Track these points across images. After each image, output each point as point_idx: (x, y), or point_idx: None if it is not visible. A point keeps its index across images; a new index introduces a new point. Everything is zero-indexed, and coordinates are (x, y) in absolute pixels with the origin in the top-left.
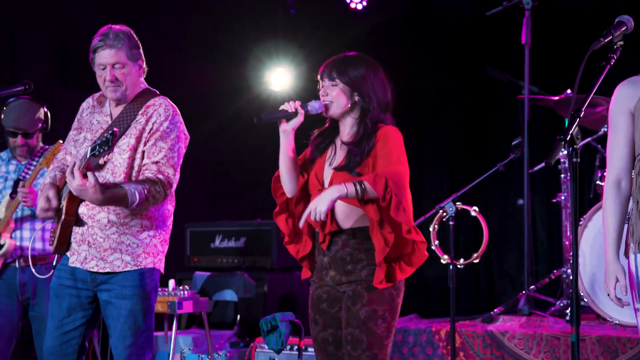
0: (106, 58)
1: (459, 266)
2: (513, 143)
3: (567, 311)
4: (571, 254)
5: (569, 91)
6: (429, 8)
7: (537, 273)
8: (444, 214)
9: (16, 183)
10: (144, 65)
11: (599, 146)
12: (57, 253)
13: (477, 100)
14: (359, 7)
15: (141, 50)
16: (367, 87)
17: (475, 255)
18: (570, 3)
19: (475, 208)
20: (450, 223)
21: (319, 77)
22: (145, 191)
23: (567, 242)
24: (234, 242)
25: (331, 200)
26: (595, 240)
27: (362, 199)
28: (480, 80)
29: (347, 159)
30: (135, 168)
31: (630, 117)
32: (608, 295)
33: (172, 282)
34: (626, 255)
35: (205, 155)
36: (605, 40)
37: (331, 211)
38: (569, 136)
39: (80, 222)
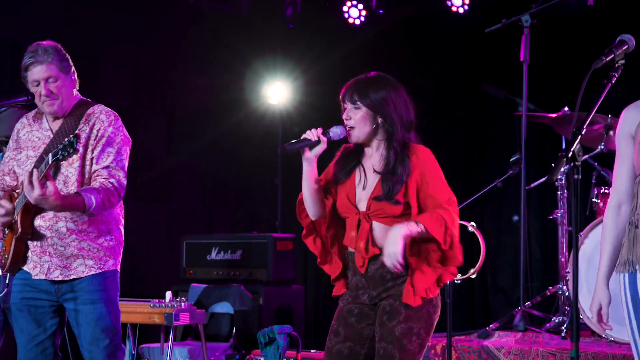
0: (39, 73)
1: (456, 281)
2: (511, 159)
3: (563, 327)
4: (567, 270)
5: (566, 108)
6: (427, 24)
7: (531, 289)
8: None
9: None
10: (75, 77)
11: (596, 164)
12: (10, 272)
13: (473, 116)
14: (357, 22)
15: (71, 62)
16: (390, 109)
17: (472, 270)
18: (568, 21)
19: (473, 224)
20: None
21: (340, 99)
22: (101, 195)
23: (562, 259)
24: (230, 255)
25: (401, 240)
26: (592, 256)
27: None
28: (477, 96)
29: (385, 189)
30: (86, 175)
31: (631, 141)
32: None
33: (169, 294)
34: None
35: (203, 168)
36: (607, 59)
37: (371, 232)
38: (571, 153)
39: (37, 235)
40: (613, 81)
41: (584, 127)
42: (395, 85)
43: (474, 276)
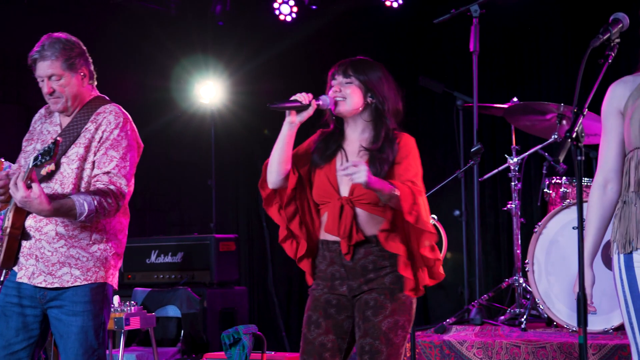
0: (42, 70)
1: None
2: (472, 150)
3: (523, 319)
4: (526, 262)
5: (515, 99)
6: (361, 19)
7: (477, 283)
8: None
9: None
10: (89, 72)
11: (547, 154)
12: (3, 268)
13: (410, 111)
14: (289, 18)
15: (84, 58)
16: (383, 90)
17: None
18: (509, 14)
19: (434, 216)
20: None
21: (330, 75)
22: (95, 202)
23: (518, 251)
24: (171, 257)
25: (368, 176)
26: (550, 247)
27: (386, 204)
28: (414, 91)
29: (373, 169)
30: (85, 179)
31: (620, 117)
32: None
33: (116, 298)
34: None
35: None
36: (604, 38)
37: (355, 219)
38: (575, 133)
39: (27, 236)
40: (610, 60)
41: (585, 107)
42: (389, 74)
43: None
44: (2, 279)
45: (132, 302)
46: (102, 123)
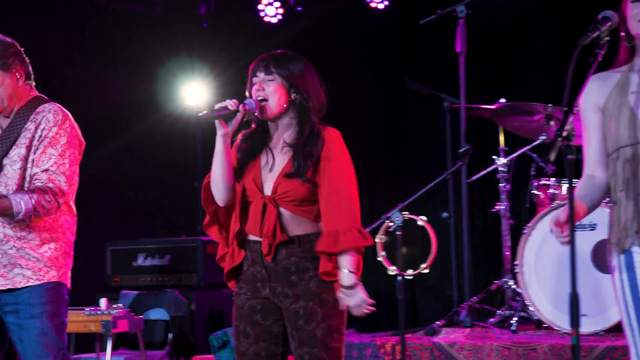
0: None
1: (407, 277)
2: (460, 150)
3: (513, 321)
4: (515, 263)
5: (502, 100)
6: (347, 21)
7: (464, 285)
8: (391, 224)
9: None
10: (24, 72)
11: (535, 155)
12: None
13: (396, 112)
14: (274, 20)
15: (19, 58)
16: (307, 85)
17: (423, 265)
18: (495, 14)
19: (423, 217)
20: (397, 233)
21: (250, 71)
22: (33, 201)
23: (507, 253)
24: (158, 260)
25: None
26: (539, 249)
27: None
28: (399, 93)
29: (297, 164)
30: (27, 178)
31: (600, 114)
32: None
33: (103, 301)
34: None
35: (118, 172)
36: (593, 36)
37: (279, 218)
38: (565, 132)
39: None
40: (599, 58)
41: (575, 106)
42: (311, 67)
43: (426, 271)
44: None
45: (120, 304)
46: (42, 122)
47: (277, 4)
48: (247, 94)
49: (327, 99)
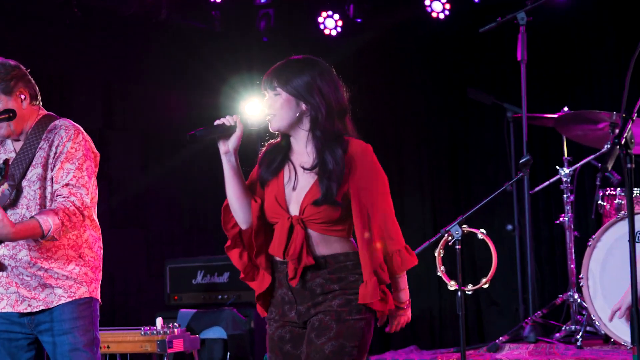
0: None
1: (467, 292)
2: (521, 161)
3: (579, 336)
4: (580, 276)
5: (566, 108)
6: (407, 32)
7: (531, 300)
8: (450, 237)
9: None
10: (29, 94)
11: (600, 165)
12: None
13: (458, 123)
14: (334, 33)
15: (23, 80)
16: (314, 92)
17: (484, 280)
18: (557, 20)
19: (483, 230)
20: (457, 247)
21: (261, 89)
22: (59, 216)
23: (572, 266)
24: (217, 278)
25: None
26: (605, 261)
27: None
28: (462, 103)
29: (324, 190)
30: (48, 197)
31: None
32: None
33: (159, 320)
34: None
35: (180, 189)
36: None
37: (306, 240)
38: (624, 139)
39: (2, 266)
40: None
41: (635, 112)
42: (322, 67)
43: (486, 286)
44: None
45: (176, 324)
46: (55, 139)
47: (337, 16)
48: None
49: (346, 98)
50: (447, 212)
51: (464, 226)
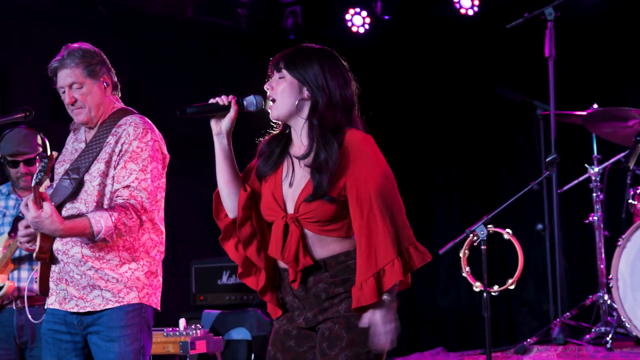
0: (62, 79)
1: (492, 293)
2: (547, 159)
3: (609, 338)
4: (610, 277)
5: (595, 106)
6: (435, 28)
7: (560, 300)
8: (475, 237)
9: (16, 220)
10: (112, 82)
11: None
12: (42, 294)
13: (487, 121)
14: (361, 30)
15: (105, 67)
16: (318, 80)
17: (510, 281)
18: (586, 15)
19: (509, 230)
20: (482, 247)
21: (268, 72)
22: (114, 218)
23: (602, 266)
24: None
25: (390, 334)
26: (635, 261)
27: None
28: (491, 100)
29: (315, 184)
30: (107, 195)
31: None
32: None
33: (182, 321)
34: None
35: (207, 189)
36: None
37: (302, 241)
38: None
39: (56, 260)
40: None
41: None
42: (333, 58)
43: (512, 287)
44: (46, 306)
45: (199, 325)
46: (122, 135)
47: (364, 13)
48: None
49: (355, 94)
50: (476, 211)
51: (489, 226)
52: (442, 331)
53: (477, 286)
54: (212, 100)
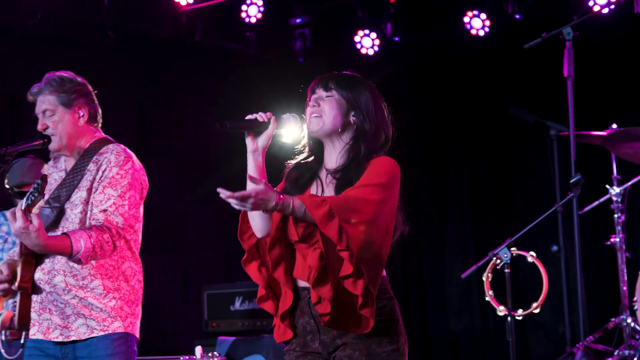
0: (38, 106)
1: (517, 317)
2: (572, 181)
3: None
4: (635, 299)
5: (614, 126)
6: (444, 50)
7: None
8: (498, 261)
9: None
10: (89, 112)
11: None
12: (22, 329)
13: (500, 142)
14: (370, 52)
15: (85, 97)
16: (369, 107)
17: (535, 305)
18: (601, 35)
19: (532, 253)
20: (506, 271)
21: (309, 90)
22: (92, 239)
23: (624, 288)
24: (256, 304)
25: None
26: None
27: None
28: (503, 121)
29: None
30: (87, 222)
31: None
32: None
33: (199, 349)
34: None
35: (215, 213)
36: None
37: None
38: None
39: (38, 289)
40: None
41: None
42: (378, 94)
43: (537, 311)
44: (22, 341)
45: (215, 352)
46: (103, 162)
47: (374, 35)
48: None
49: (392, 134)
50: (489, 234)
51: (512, 249)
52: (456, 353)
53: (501, 310)
54: (250, 117)
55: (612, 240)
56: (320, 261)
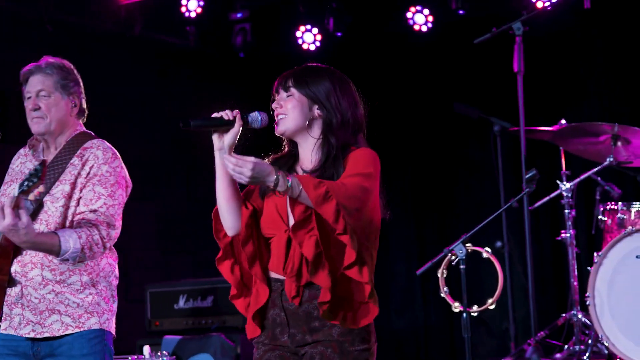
0: (33, 85)
1: (472, 314)
2: (527, 176)
3: (585, 357)
4: (587, 295)
5: (563, 121)
6: (387, 46)
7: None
8: (453, 257)
9: None
10: (80, 106)
11: (599, 178)
12: None
13: (442, 137)
14: (312, 47)
15: (78, 88)
16: (332, 99)
17: (490, 300)
18: (547, 29)
19: (488, 249)
20: (461, 267)
21: (273, 91)
22: (82, 240)
23: (575, 283)
24: (200, 302)
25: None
26: (612, 279)
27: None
28: (448, 117)
29: None
30: (69, 217)
31: None
32: None
33: (147, 348)
34: None
35: (156, 211)
36: None
37: (305, 258)
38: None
39: (13, 282)
40: None
41: None
42: (343, 79)
43: (492, 307)
44: None
45: (164, 352)
46: (90, 158)
47: (315, 30)
48: (272, 106)
49: (365, 115)
50: (432, 230)
51: (467, 245)
52: (400, 350)
53: (456, 306)
54: (216, 115)
55: (562, 235)
56: (315, 248)
